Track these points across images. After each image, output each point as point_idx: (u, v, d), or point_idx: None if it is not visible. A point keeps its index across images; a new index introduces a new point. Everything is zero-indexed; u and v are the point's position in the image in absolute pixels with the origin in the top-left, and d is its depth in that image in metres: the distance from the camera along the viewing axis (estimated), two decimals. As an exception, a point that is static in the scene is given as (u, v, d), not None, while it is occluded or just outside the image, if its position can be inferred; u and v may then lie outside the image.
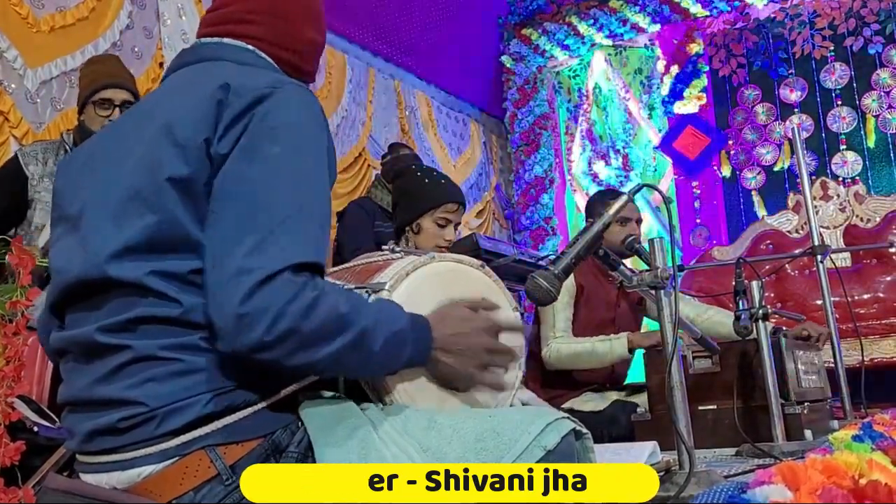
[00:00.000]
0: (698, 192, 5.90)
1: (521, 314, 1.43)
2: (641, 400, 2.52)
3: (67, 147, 2.48)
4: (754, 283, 1.95)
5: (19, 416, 1.60)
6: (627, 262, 1.85)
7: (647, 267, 1.46)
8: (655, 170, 6.22)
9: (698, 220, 5.86)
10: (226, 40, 1.13)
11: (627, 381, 2.92)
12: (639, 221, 2.80)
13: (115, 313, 0.96)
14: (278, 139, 0.95)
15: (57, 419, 1.78)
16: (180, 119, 0.97)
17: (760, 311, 1.90)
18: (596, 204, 2.84)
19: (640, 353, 2.51)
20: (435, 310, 1.12)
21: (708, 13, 5.76)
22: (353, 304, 0.96)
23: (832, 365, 2.44)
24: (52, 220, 1.12)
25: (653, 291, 1.43)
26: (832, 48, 5.56)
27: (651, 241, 1.47)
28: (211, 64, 1.09)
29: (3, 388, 1.41)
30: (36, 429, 1.73)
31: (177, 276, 0.95)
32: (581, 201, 6.33)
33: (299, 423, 0.99)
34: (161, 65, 3.76)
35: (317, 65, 1.23)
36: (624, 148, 6.30)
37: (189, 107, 0.98)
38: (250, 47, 1.12)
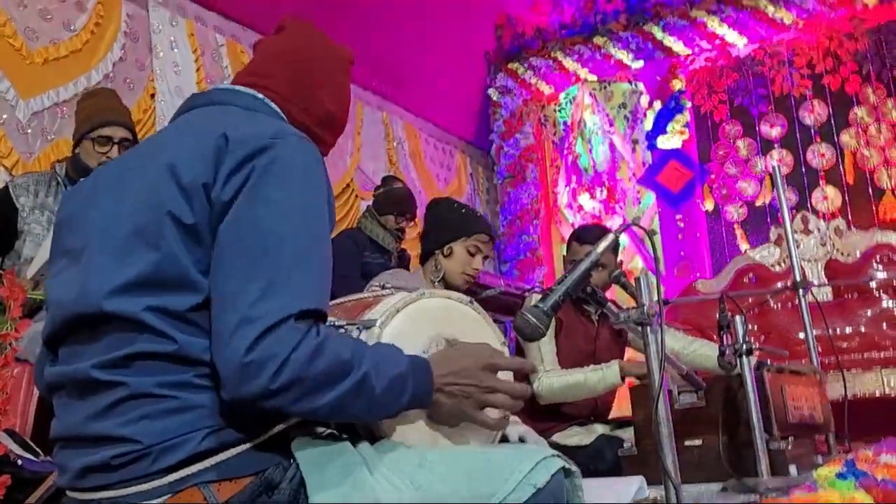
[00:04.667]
0: (682, 224, 5.97)
1: (509, 348, 1.45)
2: (627, 434, 2.52)
3: (59, 179, 2.48)
4: (737, 318, 1.98)
5: (4, 450, 1.59)
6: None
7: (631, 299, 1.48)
8: (639, 202, 6.29)
9: (682, 253, 5.92)
10: (239, 88, 1.16)
11: (612, 415, 2.92)
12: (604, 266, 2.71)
13: (112, 349, 0.96)
14: (280, 188, 0.96)
15: (41, 452, 1.76)
16: (183, 161, 0.99)
17: (744, 347, 1.93)
18: (577, 242, 2.83)
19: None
20: (428, 347, 1.13)
21: (689, 51, 5.88)
22: (355, 349, 0.97)
23: (815, 399, 2.46)
24: (53, 253, 1.12)
25: (639, 328, 1.45)
26: (811, 86, 5.68)
27: (637, 278, 1.49)
28: (218, 108, 1.11)
29: (-10, 421, 1.40)
30: (20, 462, 1.72)
31: (173, 313, 0.96)
32: (566, 232, 6.38)
33: (292, 460, 1.00)
34: (152, 96, 3.78)
35: (332, 138, 1.25)
36: (608, 180, 6.37)
37: (191, 150, 0.99)
38: (260, 96, 1.15)
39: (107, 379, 0.95)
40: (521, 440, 1.88)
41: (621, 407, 2.83)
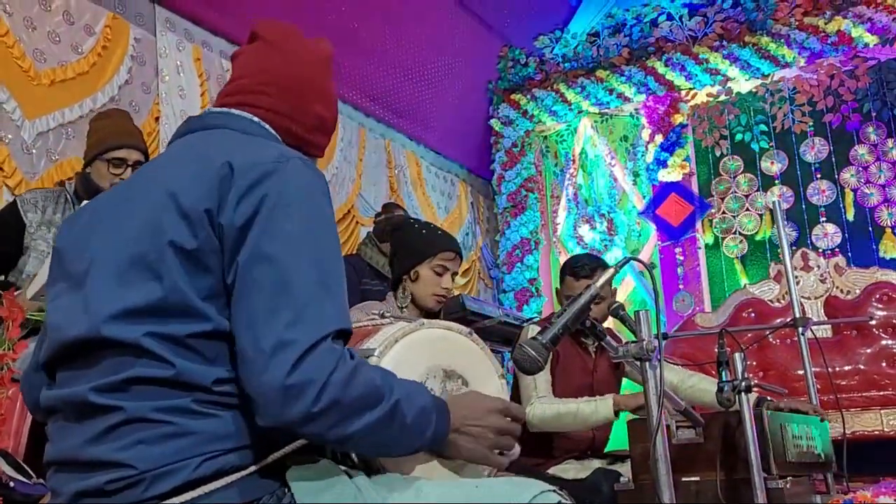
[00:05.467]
0: (681, 258, 5.97)
1: (508, 382, 1.44)
2: (624, 469, 2.50)
3: (68, 196, 2.49)
4: (737, 355, 1.97)
5: (-3, 472, 1.58)
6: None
7: (630, 334, 1.48)
8: (639, 235, 6.31)
9: (681, 286, 5.92)
10: (234, 111, 1.17)
11: (608, 449, 2.90)
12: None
13: (110, 373, 0.96)
14: (292, 216, 0.98)
15: (33, 474, 1.75)
16: (184, 188, 0.99)
17: (743, 384, 1.92)
18: (572, 277, 2.79)
19: (622, 419, 2.50)
20: (426, 378, 1.14)
21: (691, 86, 5.93)
22: (384, 377, 0.99)
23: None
24: (53, 276, 1.12)
25: (638, 363, 1.45)
26: (811, 123, 5.71)
27: (637, 313, 1.49)
28: (215, 132, 1.12)
29: (-15, 442, 1.39)
30: (12, 484, 1.71)
31: (173, 338, 0.96)
32: (566, 264, 6.38)
33: (286, 490, 0.99)
34: (157, 119, 3.81)
35: (325, 140, 1.26)
36: (609, 212, 6.39)
37: (193, 177, 1.00)
38: (255, 119, 1.16)
39: (104, 403, 0.95)
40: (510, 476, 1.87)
41: (618, 441, 2.81)
